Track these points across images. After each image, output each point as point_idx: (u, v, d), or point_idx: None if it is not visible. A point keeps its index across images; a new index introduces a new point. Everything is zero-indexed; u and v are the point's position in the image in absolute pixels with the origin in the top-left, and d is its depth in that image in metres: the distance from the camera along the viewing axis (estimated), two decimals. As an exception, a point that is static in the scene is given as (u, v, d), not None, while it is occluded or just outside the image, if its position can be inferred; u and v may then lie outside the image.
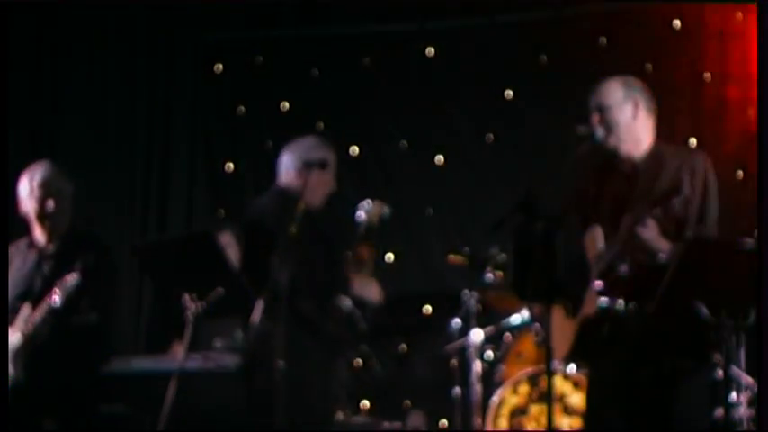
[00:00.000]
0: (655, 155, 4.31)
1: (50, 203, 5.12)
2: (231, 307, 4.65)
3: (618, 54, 7.07)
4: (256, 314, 4.57)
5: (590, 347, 4.21)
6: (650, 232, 4.05)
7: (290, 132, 7.60)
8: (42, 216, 5.14)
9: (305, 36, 7.71)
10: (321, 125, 7.57)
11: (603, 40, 7.24)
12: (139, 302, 7.32)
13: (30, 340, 4.84)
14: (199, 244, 4.76)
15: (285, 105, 7.74)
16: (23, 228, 5.32)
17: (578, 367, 5.88)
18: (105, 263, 5.04)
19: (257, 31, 7.85)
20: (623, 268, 4.16)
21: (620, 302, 4.10)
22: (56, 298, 4.80)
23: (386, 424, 6.78)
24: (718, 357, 5.17)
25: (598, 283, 4.12)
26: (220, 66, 7.84)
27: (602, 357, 4.24)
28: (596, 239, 4.23)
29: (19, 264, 5.18)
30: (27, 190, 5.17)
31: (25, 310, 4.91)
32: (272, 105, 7.77)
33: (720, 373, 4.19)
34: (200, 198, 7.72)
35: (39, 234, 5.19)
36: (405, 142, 7.48)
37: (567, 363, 5.67)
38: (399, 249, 7.46)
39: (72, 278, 4.81)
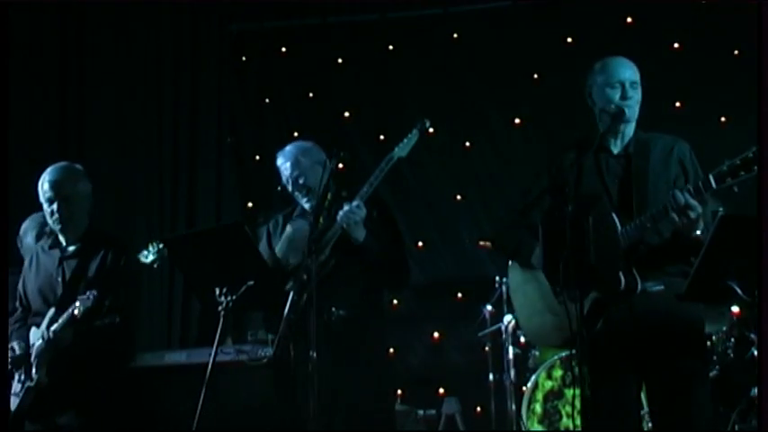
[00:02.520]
0: (640, 138, 4.21)
1: (55, 206, 4.96)
2: (262, 300, 4.62)
3: (645, 33, 7.00)
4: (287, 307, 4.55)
5: (593, 326, 4.06)
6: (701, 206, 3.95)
7: (316, 121, 7.68)
8: (55, 218, 4.99)
9: (329, 24, 7.69)
10: (347, 114, 7.57)
11: (630, 19, 7.17)
12: (171, 297, 7.35)
13: (52, 345, 4.82)
14: (229, 235, 4.72)
15: (311, 95, 7.73)
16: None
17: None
18: (125, 263, 4.97)
19: (281, 21, 7.84)
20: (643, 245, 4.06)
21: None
22: (76, 311, 4.75)
23: (420, 411, 6.77)
24: (752, 337, 5.11)
25: None
26: (245, 57, 7.85)
27: (601, 336, 4.09)
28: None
29: (42, 263, 5.11)
30: (40, 193, 5.03)
31: (50, 314, 4.88)
32: (297, 95, 7.77)
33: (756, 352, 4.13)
34: (229, 190, 7.73)
35: (58, 235, 5.09)
36: (431, 128, 7.42)
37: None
38: (429, 236, 7.46)
39: (91, 295, 4.74)
